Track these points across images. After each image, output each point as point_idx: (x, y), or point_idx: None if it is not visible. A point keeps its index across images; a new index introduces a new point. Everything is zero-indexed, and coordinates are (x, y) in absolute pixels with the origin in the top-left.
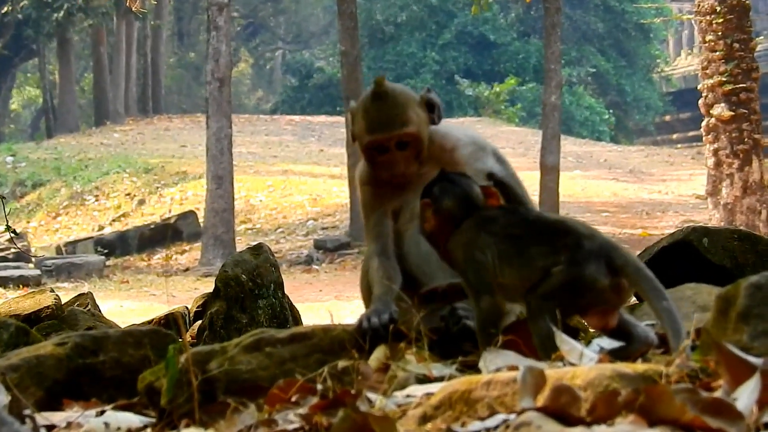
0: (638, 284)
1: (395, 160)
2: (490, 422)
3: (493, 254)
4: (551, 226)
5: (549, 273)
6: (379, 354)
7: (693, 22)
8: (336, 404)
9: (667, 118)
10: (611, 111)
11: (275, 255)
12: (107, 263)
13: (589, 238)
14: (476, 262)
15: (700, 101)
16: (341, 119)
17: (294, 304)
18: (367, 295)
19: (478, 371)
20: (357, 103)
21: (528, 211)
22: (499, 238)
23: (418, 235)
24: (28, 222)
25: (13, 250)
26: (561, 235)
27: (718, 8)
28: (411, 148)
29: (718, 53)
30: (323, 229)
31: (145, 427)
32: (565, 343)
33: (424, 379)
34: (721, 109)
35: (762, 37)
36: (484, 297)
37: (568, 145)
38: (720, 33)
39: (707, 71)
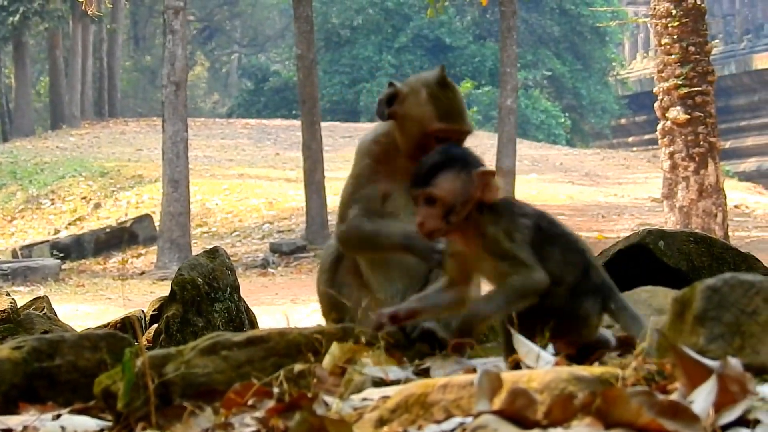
0: (629, 331)
1: None
2: (447, 425)
3: (525, 238)
4: (569, 235)
5: (549, 290)
6: (333, 355)
7: (648, 25)
8: (293, 407)
9: (623, 121)
10: (567, 114)
11: (231, 258)
12: (63, 267)
13: (595, 269)
14: (524, 243)
15: (656, 104)
16: (297, 123)
17: (250, 307)
18: (331, 284)
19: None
20: (413, 84)
21: (548, 216)
22: (531, 228)
23: (408, 223)
24: None
25: None
26: (575, 251)
27: (674, 11)
28: (462, 143)
29: (673, 56)
30: (279, 232)
31: (102, 430)
32: (522, 345)
33: (380, 383)
34: (676, 113)
35: (717, 41)
36: (539, 271)
37: (524, 148)
38: (675, 36)
39: (663, 74)
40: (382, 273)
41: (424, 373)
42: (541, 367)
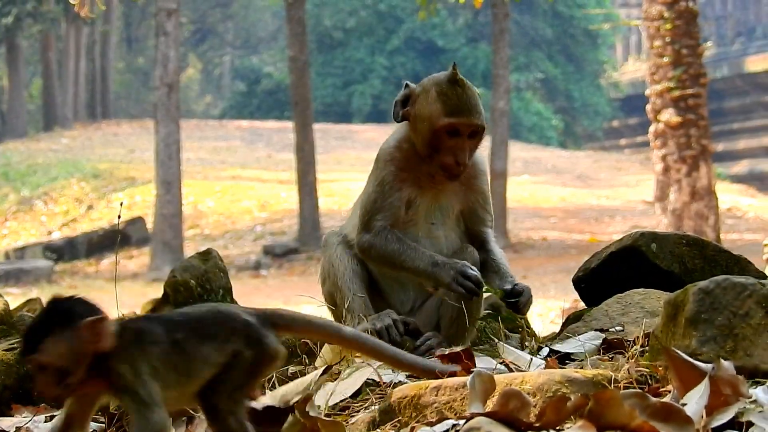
0: (315, 331)
1: (463, 147)
2: (439, 427)
3: (158, 366)
4: (209, 317)
5: (232, 363)
6: (324, 357)
7: (641, 27)
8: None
9: (615, 123)
10: (559, 116)
11: (224, 260)
12: (56, 268)
13: (249, 314)
14: (146, 376)
15: (648, 107)
16: (290, 124)
17: None
18: (349, 278)
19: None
20: (425, 84)
21: (175, 314)
22: (165, 347)
23: (425, 232)
24: None
25: None
26: (223, 322)
27: (666, 14)
28: (478, 140)
29: (666, 59)
30: (272, 234)
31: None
32: (509, 353)
33: (373, 384)
34: (669, 115)
35: (710, 43)
36: (158, 411)
37: (517, 150)
38: (668, 39)
39: (655, 77)
40: (396, 280)
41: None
42: (533, 370)
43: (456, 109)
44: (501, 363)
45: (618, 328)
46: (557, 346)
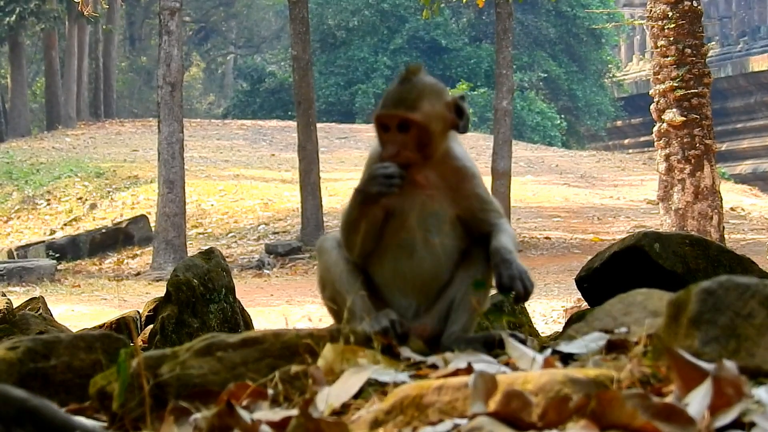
0: None
1: (395, 140)
2: (441, 427)
3: None
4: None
5: None
6: (325, 357)
7: (645, 27)
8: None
9: (619, 123)
10: (563, 116)
11: (226, 259)
12: (59, 267)
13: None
14: None
15: (652, 106)
16: (293, 124)
17: (245, 308)
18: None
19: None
20: None
21: None
22: None
23: (421, 240)
24: None
25: None
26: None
27: (670, 14)
28: (413, 135)
29: (669, 59)
30: (274, 233)
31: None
32: (514, 349)
33: (375, 384)
34: (672, 115)
35: (714, 43)
36: None
37: (520, 150)
38: (672, 38)
39: (659, 76)
40: (396, 284)
41: (419, 374)
42: (535, 370)
43: (385, 101)
44: (503, 363)
45: (623, 329)
46: (561, 347)
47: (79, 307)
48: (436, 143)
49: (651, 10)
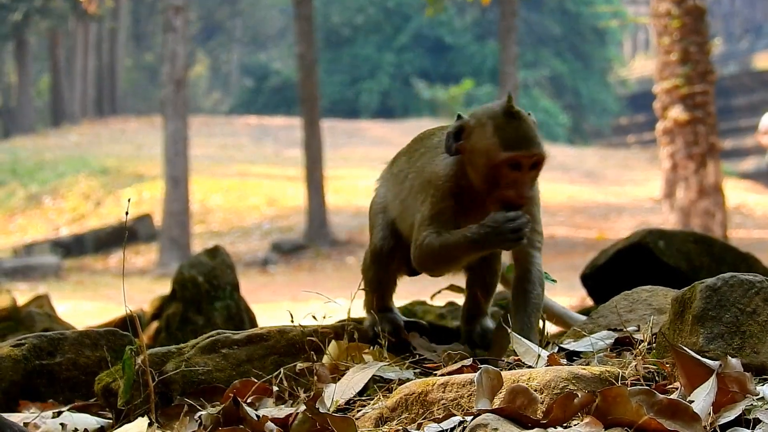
0: None
1: (525, 180)
2: (446, 424)
3: None
4: None
5: None
6: (330, 354)
7: (648, 25)
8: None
9: (623, 120)
10: (567, 113)
11: (231, 257)
12: (63, 265)
13: None
14: None
15: (656, 104)
16: (297, 121)
17: (250, 305)
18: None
19: (433, 374)
20: (479, 116)
21: None
22: None
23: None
24: None
25: None
26: None
27: (674, 11)
28: (538, 171)
29: (674, 56)
30: (279, 231)
31: (102, 428)
32: (519, 344)
33: (380, 380)
34: (676, 112)
35: (718, 40)
36: None
37: None
38: (676, 36)
39: (663, 74)
40: None
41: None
42: (540, 366)
43: (515, 141)
44: (508, 360)
45: (633, 328)
46: (569, 345)
47: (84, 305)
48: None
49: (655, 8)
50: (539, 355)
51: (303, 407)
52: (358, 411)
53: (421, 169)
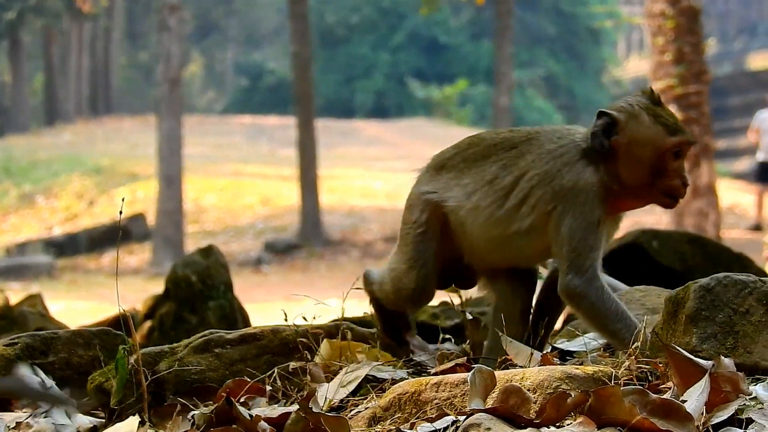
0: None
1: (683, 168)
2: (440, 423)
3: None
4: None
5: None
6: (322, 353)
7: (643, 25)
8: None
9: None
10: (562, 113)
11: (224, 256)
12: (57, 264)
13: None
14: None
15: None
16: (292, 120)
17: (243, 305)
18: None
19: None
20: (629, 110)
21: None
22: None
23: None
24: None
25: None
26: None
27: (669, 11)
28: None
29: (668, 56)
30: (273, 230)
31: (95, 427)
32: (513, 347)
33: (374, 380)
34: None
35: (712, 40)
36: None
37: None
38: (670, 36)
39: (657, 74)
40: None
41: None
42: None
43: (678, 128)
44: (502, 359)
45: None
46: (563, 345)
47: (77, 304)
48: None
49: (649, 8)
50: (532, 354)
51: (296, 407)
52: (351, 410)
53: (548, 176)
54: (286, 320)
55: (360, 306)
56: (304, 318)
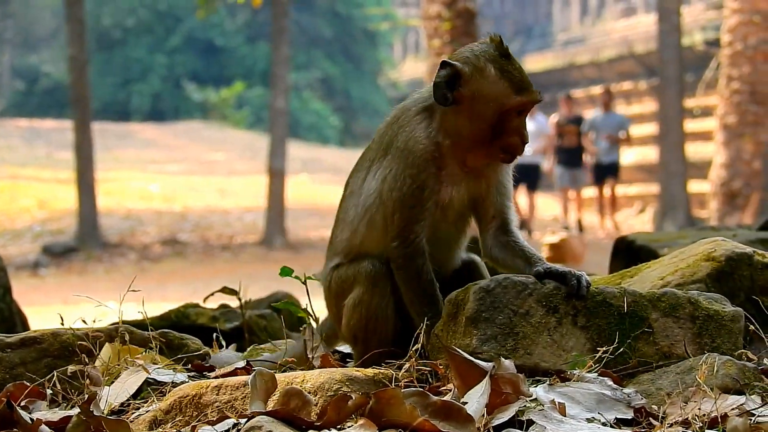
0: None
1: (524, 125)
2: (220, 426)
3: None
4: None
5: None
6: (102, 357)
7: (419, 27)
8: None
9: None
10: (338, 115)
11: (2, 260)
12: None
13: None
14: None
15: None
16: (69, 124)
17: (21, 308)
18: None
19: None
20: (473, 61)
21: None
22: None
23: (455, 231)
24: None
25: None
26: None
27: (445, 14)
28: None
29: (444, 58)
30: (50, 233)
31: None
32: (293, 349)
33: (154, 383)
34: None
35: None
36: None
37: (295, 149)
38: (446, 38)
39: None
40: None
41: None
42: (312, 369)
43: (524, 85)
44: (282, 362)
45: None
46: (343, 347)
47: None
48: None
49: (426, 11)
50: (311, 357)
51: (77, 410)
52: (133, 414)
53: (387, 142)
54: (62, 324)
55: (137, 309)
56: (84, 321)
